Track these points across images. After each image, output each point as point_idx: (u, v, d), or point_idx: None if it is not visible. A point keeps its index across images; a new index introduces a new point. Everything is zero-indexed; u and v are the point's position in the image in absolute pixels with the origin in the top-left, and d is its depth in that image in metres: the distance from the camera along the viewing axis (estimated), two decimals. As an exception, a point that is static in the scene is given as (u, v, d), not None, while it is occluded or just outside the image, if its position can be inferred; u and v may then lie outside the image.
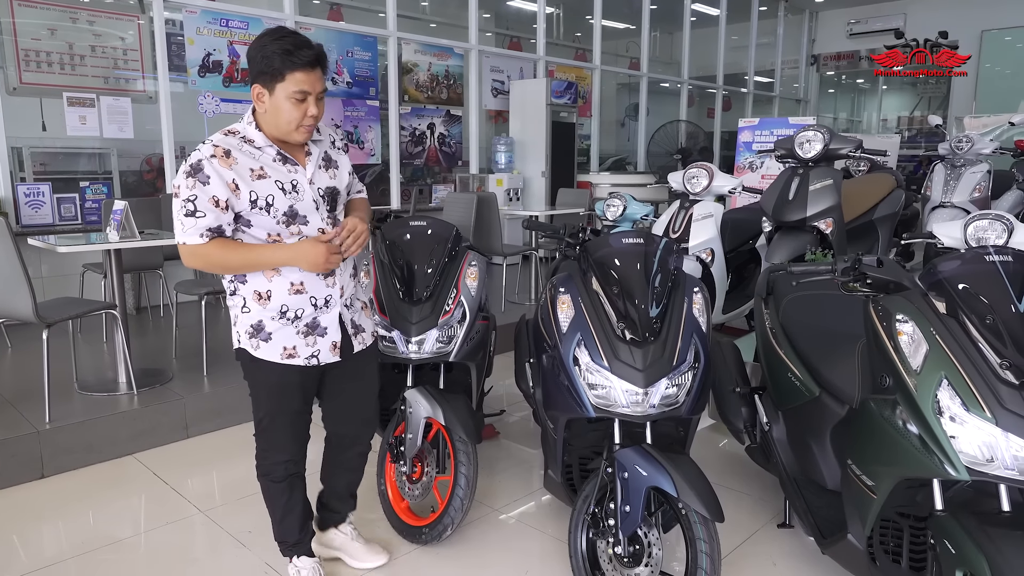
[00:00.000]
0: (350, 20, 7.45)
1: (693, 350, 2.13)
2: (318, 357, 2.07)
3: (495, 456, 3.41)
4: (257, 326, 2.02)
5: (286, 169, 1.96)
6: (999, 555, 1.55)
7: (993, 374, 1.63)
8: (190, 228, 1.86)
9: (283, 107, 1.87)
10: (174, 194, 1.88)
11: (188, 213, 1.85)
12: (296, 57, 1.83)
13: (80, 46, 5.41)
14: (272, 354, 2.03)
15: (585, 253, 2.31)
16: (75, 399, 3.58)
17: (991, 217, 2.85)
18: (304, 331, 2.04)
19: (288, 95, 1.86)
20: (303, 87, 1.86)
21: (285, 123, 1.90)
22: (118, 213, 3.54)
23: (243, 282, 2.01)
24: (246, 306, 2.02)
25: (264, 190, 1.90)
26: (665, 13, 10.86)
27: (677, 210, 4.40)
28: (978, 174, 5.78)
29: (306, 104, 1.88)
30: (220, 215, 1.87)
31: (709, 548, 1.98)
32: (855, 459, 1.95)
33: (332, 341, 2.09)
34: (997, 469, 1.60)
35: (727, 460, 3.35)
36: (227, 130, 1.96)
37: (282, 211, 1.93)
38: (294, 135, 1.93)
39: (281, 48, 1.83)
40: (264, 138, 1.94)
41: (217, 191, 1.85)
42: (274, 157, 1.95)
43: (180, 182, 1.86)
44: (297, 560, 2.28)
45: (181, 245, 1.89)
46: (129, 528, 2.77)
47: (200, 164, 1.85)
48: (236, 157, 1.89)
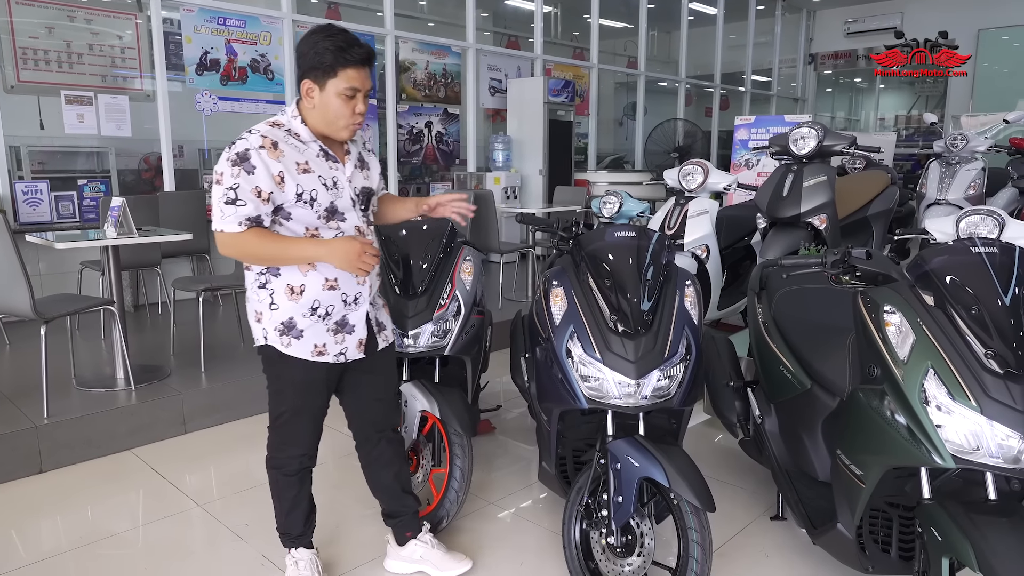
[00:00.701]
0: (348, 18, 7.48)
1: (685, 342, 2.15)
2: (346, 354, 2.09)
3: (491, 451, 3.43)
4: (288, 323, 2.00)
5: (328, 165, 1.98)
6: (984, 542, 1.57)
7: (979, 364, 1.65)
8: (229, 216, 1.85)
9: (332, 103, 1.90)
10: (215, 181, 1.87)
11: (229, 201, 1.85)
12: (349, 54, 1.86)
13: (78, 44, 5.43)
14: (303, 351, 2.02)
15: (578, 246, 2.33)
16: (73, 395, 3.60)
17: (983, 213, 2.88)
18: (334, 328, 2.05)
19: (339, 91, 1.89)
20: (354, 84, 1.89)
21: (333, 119, 1.92)
22: (116, 209, 3.56)
23: (276, 275, 1.99)
24: (274, 303, 2.00)
25: (309, 184, 1.92)
26: (662, 12, 10.88)
27: (672, 207, 4.42)
28: (973, 171, 5.82)
29: (355, 101, 1.91)
30: (261, 206, 1.87)
31: (700, 538, 2.00)
32: (844, 449, 1.97)
33: (359, 338, 2.11)
34: (982, 457, 1.62)
35: (722, 455, 3.37)
36: (272, 121, 1.96)
37: (324, 206, 1.95)
38: (341, 132, 1.95)
39: (334, 45, 1.86)
40: (309, 133, 1.96)
41: (261, 182, 1.85)
42: (318, 153, 1.97)
43: (223, 169, 1.85)
44: (295, 551, 2.29)
45: (218, 232, 1.89)
46: (127, 522, 2.79)
47: (247, 154, 1.85)
48: (283, 150, 1.90)
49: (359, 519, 2.74)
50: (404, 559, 2.39)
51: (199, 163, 7.14)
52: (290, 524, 2.26)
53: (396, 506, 2.39)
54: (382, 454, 2.33)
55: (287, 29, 6.36)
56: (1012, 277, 1.72)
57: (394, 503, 2.39)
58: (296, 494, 2.22)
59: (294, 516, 2.25)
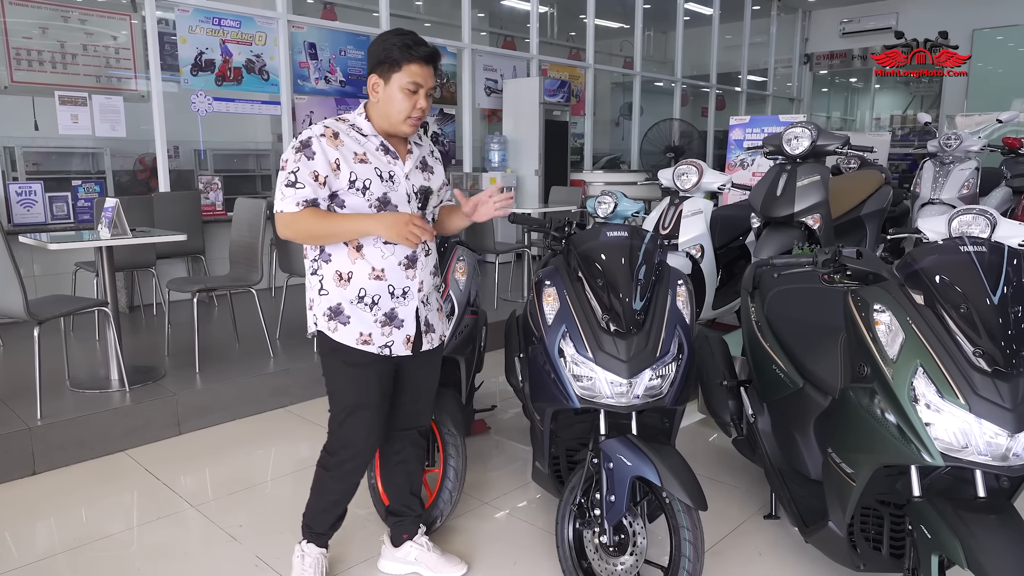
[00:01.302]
0: (343, 19, 7.46)
1: (677, 341, 2.16)
2: (391, 348, 2.10)
3: (486, 451, 3.43)
4: (336, 308, 2.06)
5: (387, 159, 2.05)
6: (972, 539, 1.58)
7: (967, 362, 1.66)
8: (288, 197, 1.96)
9: (396, 97, 1.99)
10: (281, 167, 1.99)
11: (289, 184, 1.96)
12: (415, 51, 1.96)
13: (72, 45, 5.41)
14: (348, 338, 2.07)
15: (571, 246, 2.34)
16: (67, 396, 3.59)
17: (975, 212, 2.90)
18: (383, 320, 2.08)
19: (402, 86, 1.97)
20: (417, 79, 1.98)
21: (396, 112, 2.00)
22: (109, 210, 3.56)
23: (327, 261, 2.06)
24: (324, 288, 2.07)
25: (363, 173, 2.00)
26: (658, 12, 10.89)
27: (667, 206, 4.43)
28: (966, 171, 5.83)
29: (417, 96, 1.99)
30: (318, 189, 1.96)
31: (693, 536, 2.00)
32: (835, 447, 1.98)
33: (407, 334, 2.12)
34: (971, 455, 1.63)
35: (716, 454, 3.38)
36: (338, 117, 2.08)
37: (376, 196, 2.01)
38: (402, 126, 2.03)
39: (402, 42, 1.97)
40: (371, 128, 2.05)
41: (319, 167, 1.95)
42: (377, 147, 2.05)
43: (288, 156, 1.98)
44: (307, 545, 2.29)
45: (278, 213, 1.99)
46: (121, 523, 2.79)
47: (309, 141, 1.96)
48: (343, 139, 2.00)
49: (353, 519, 2.73)
50: (399, 560, 2.39)
51: (195, 164, 7.14)
52: (317, 521, 2.27)
53: (401, 505, 2.40)
54: (401, 451, 2.34)
55: (282, 29, 6.35)
56: (1000, 276, 1.73)
57: (400, 502, 2.40)
58: (337, 499, 2.23)
59: (325, 516, 2.26)
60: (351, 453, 2.16)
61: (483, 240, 5.69)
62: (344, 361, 2.09)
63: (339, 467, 2.17)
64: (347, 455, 2.16)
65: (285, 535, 2.64)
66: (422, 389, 2.29)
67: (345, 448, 2.16)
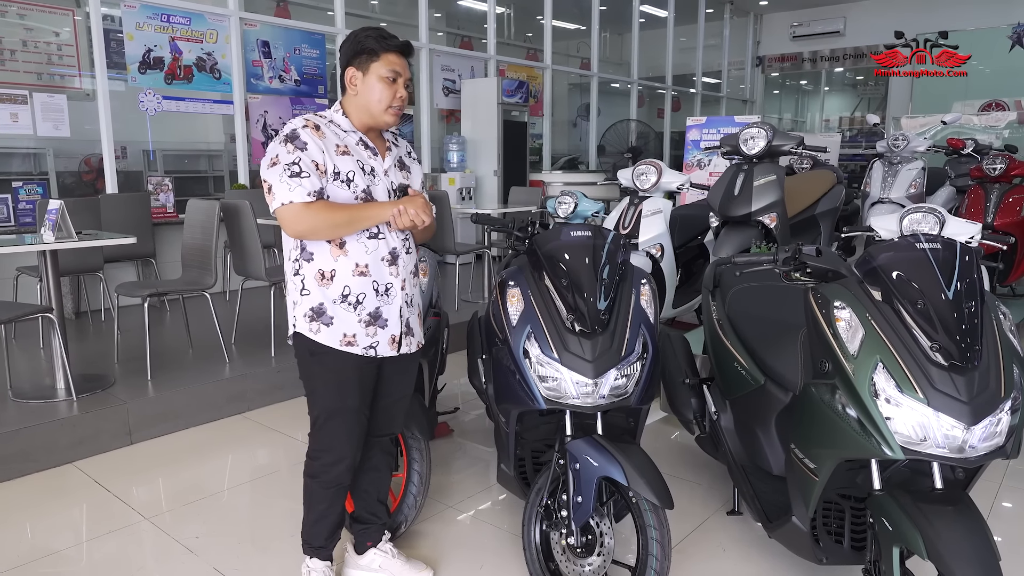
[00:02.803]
0: (297, 17, 7.33)
1: (641, 341, 2.16)
2: (376, 348, 2.07)
3: (450, 454, 3.40)
4: (318, 309, 2.02)
5: (367, 154, 2.05)
6: (931, 529, 1.61)
7: (925, 357, 1.70)
8: (297, 188, 1.90)
9: (375, 86, 1.99)
10: (270, 163, 1.93)
11: (294, 174, 1.90)
12: (390, 41, 1.99)
13: (10, 40, 5.19)
14: (331, 339, 2.02)
15: (534, 246, 2.32)
16: (9, 407, 3.43)
17: (925, 210, 2.98)
18: (367, 320, 2.05)
19: (381, 75, 1.98)
20: (395, 67, 1.99)
21: (376, 102, 1.99)
22: (53, 213, 3.42)
23: (308, 260, 2.02)
24: (305, 289, 2.03)
25: (346, 166, 1.98)
26: (614, 14, 10.99)
27: (627, 206, 4.46)
28: (913, 171, 6.02)
29: (396, 85, 2.00)
30: (320, 178, 1.94)
31: (659, 535, 2.01)
32: (797, 443, 2.01)
33: (392, 334, 2.09)
34: (930, 448, 1.67)
35: (679, 451, 3.40)
36: (316, 112, 2.06)
37: (361, 188, 2.00)
38: (384, 116, 2.02)
39: (376, 34, 1.99)
40: (350, 124, 2.04)
41: (316, 156, 1.94)
42: (357, 141, 2.04)
43: (277, 150, 1.93)
44: (311, 561, 2.24)
45: (287, 205, 1.91)
46: (70, 538, 2.67)
47: (296, 132, 1.94)
48: (324, 132, 1.99)
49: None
50: (363, 568, 2.34)
51: (144, 165, 6.92)
52: (314, 535, 2.22)
53: (367, 513, 2.35)
54: (372, 458, 2.30)
55: (234, 27, 6.21)
56: (954, 272, 1.77)
57: (366, 509, 2.35)
58: (327, 507, 2.17)
59: (320, 527, 2.20)
60: (334, 457, 2.12)
61: (443, 241, 5.64)
62: (325, 364, 2.05)
63: (325, 472, 2.13)
64: (330, 459, 2.12)
65: (244, 545, 2.57)
66: (397, 395, 2.25)
67: (327, 452, 2.12)
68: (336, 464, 2.12)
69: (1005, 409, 1.66)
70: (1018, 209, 5.26)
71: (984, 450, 1.65)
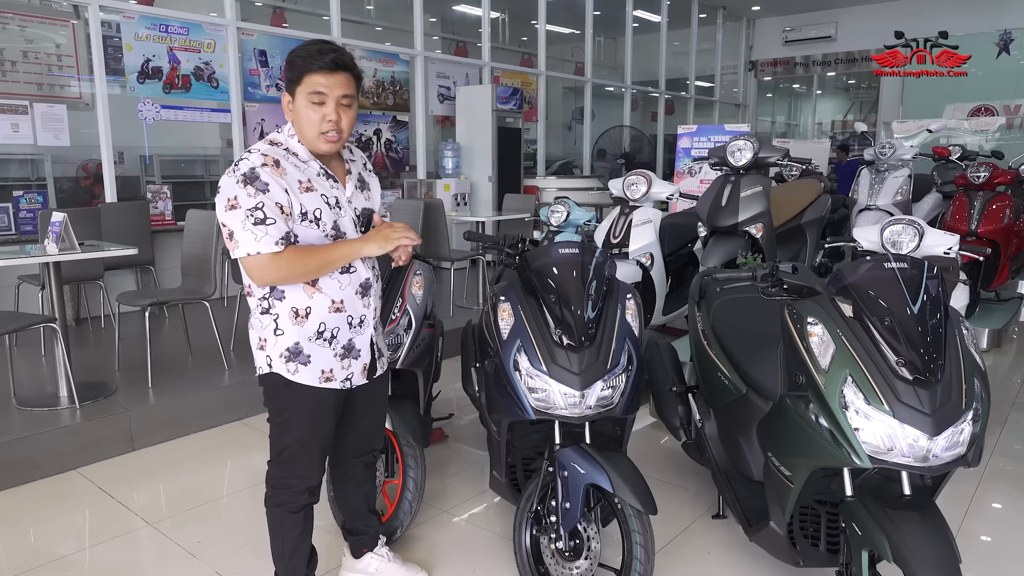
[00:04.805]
0: (294, 24, 7.42)
1: (627, 353, 2.25)
2: (351, 380, 2.06)
3: (444, 459, 3.49)
4: (295, 349, 1.95)
5: (329, 185, 1.95)
6: (897, 534, 1.71)
7: (891, 371, 1.80)
8: (263, 237, 1.79)
9: (302, 112, 1.87)
10: (229, 206, 1.79)
11: (258, 221, 1.79)
12: (316, 60, 1.83)
13: (11, 51, 5.27)
14: (311, 378, 1.97)
15: (524, 262, 2.41)
16: (13, 415, 3.51)
17: (904, 222, 3.09)
18: (341, 353, 2.02)
19: (305, 98, 1.85)
20: (318, 88, 1.84)
21: (307, 128, 1.87)
22: (56, 225, 3.50)
23: (280, 299, 1.93)
24: (279, 328, 1.95)
25: (312, 204, 1.89)
26: (608, 19, 11.10)
27: (617, 216, 4.55)
28: (900, 178, 6.14)
29: (324, 108, 1.85)
30: (287, 221, 1.83)
31: (643, 540, 2.10)
32: (774, 451, 2.10)
33: (364, 363, 2.08)
34: (896, 457, 1.76)
35: (666, 457, 3.50)
36: (269, 140, 1.94)
37: (329, 225, 1.92)
38: (317, 143, 1.89)
39: (305, 53, 1.85)
40: (307, 152, 1.93)
41: (279, 197, 1.82)
42: (318, 171, 1.94)
43: (236, 192, 1.79)
44: None
45: (253, 256, 1.80)
46: (74, 543, 2.76)
47: (255, 172, 1.81)
48: (285, 168, 1.87)
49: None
50: (360, 571, 2.43)
51: (140, 170, 6.98)
52: (294, 567, 2.14)
53: (359, 525, 2.42)
54: (356, 476, 2.35)
55: (231, 36, 6.29)
56: (920, 288, 1.87)
57: (358, 522, 2.41)
58: (300, 532, 2.12)
59: (298, 557, 2.14)
60: (303, 484, 2.08)
61: (438, 248, 5.74)
62: (300, 398, 2.00)
63: (295, 500, 2.08)
64: (300, 486, 2.08)
65: (245, 549, 2.66)
66: (372, 414, 2.28)
67: (294, 478, 2.07)
68: (304, 489, 2.08)
69: (967, 420, 1.75)
70: (1001, 216, 5.37)
71: (947, 459, 1.75)
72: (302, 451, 2.06)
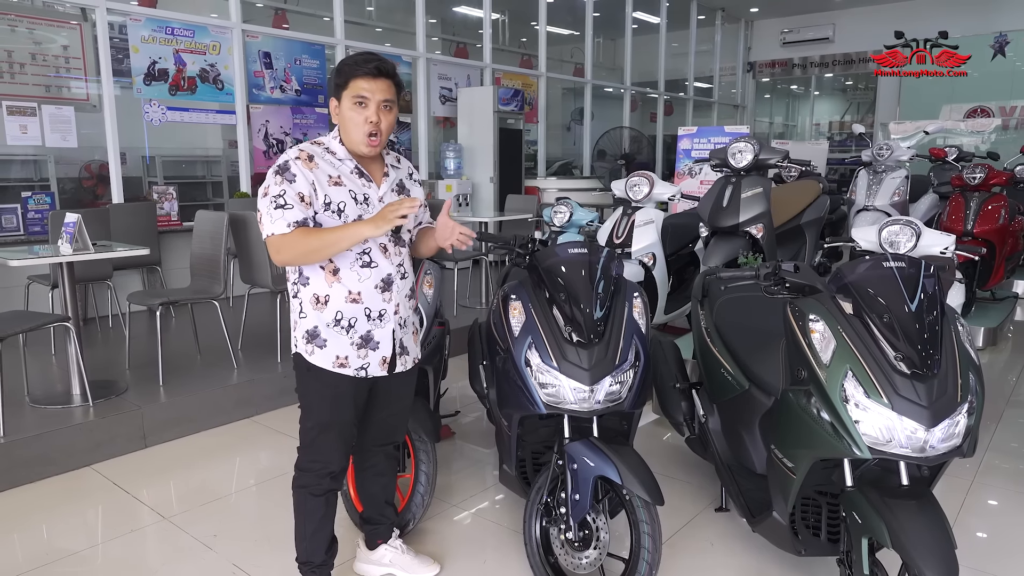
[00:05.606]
0: (296, 26, 7.47)
1: (634, 350, 2.32)
2: (367, 369, 2.15)
3: (451, 455, 3.56)
4: (313, 332, 2.11)
5: (361, 182, 2.11)
6: (895, 522, 1.78)
7: (889, 366, 1.87)
8: (278, 219, 1.99)
9: (347, 115, 2.04)
10: (263, 193, 2.02)
11: (278, 206, 1.99)
12: (360, 67, 2.01)
13: (20, 54, 5.32)
14: (325, 361, 2.11)
15: (534, 262, 2.48)
16: (27, 413, 3.57)
17: (902, 223, 3.16)
18: (358, 343, 2.12)
19: (351, 101, 2.02)
20: (362, 92, 2.01)
21: (352, 130, 2.05)
22: (71, 226, 3.56)
23: (305, 284, 2.10)
24: (303, 311, 2.12)
25: (337, 196, 2.05)
26: (607, 20, 11.17)
27: (620, 216, 4.62)
28: (897, 179, 6.22)
29: (367, 110, 2.02)
30: (305, 209, 2.01)
31: (651, 530, 2.17)
32: (777, 444, 2.18)
33: (383, 356, 2.17)
34: (894, 448, 1.84)
35: (670, 452, 3.57)
36: (314, 140, 2.14)
37: (351, 218, 2.06)
38: (360, 145, 2.06)
39: (352, 61, 2.04)
40: (345, 151, 2.11)
41: (302, 188, 2.01)
42: (352, 170, 2.11)
43: (270, 181, 2.02)
44: None
45: (270, 236, 2.01)
46: (91, 538, 2.82)
47: (287, 164, 2.02)
48: (318, 163, 2.06)
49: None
50: (374, 562, 2.50)
51: (143, 170, 7.04)
52: (312, 551, 2.24)
53: (376, 514, 2.49)
54: (376, 465, 2.43)
55: (236, 39, 6.35)
56: (918, 286, 1.94)
57: (375, 511, 2.49)
58: (322, 516, 2.22)
59: (317, 541, 2.23)
60: (325, 467, 2.18)
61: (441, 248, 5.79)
62: (321, 380, 2.13)
63: (317, 483, 2.19)
64: (322, 470, 2.18)
65: (261, 542, 2.73)
66: (396, 407, 2.35)
67: (316, 462, 2.18)
68: (327, 473, 2.19)
69: (962, 412, 1.83)
70: (996, 217, 5.45)
71: (943, 449, 1.83)
72: (321, 435, 2.17)
